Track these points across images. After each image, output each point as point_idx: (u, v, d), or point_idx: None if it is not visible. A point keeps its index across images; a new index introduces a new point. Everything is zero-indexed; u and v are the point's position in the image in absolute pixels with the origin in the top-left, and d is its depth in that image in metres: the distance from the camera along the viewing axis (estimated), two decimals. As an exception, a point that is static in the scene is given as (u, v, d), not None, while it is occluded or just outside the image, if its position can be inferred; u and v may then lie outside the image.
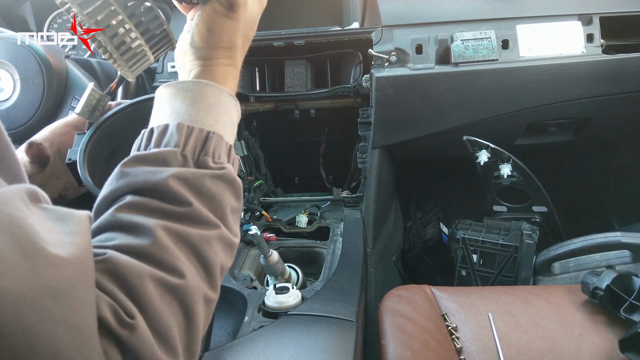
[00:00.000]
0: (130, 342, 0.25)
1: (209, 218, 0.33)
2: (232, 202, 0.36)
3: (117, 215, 0.30)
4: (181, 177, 0.32)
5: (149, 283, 0.27)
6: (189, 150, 0.34)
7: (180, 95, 0.37)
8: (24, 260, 0.20)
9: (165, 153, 0.33)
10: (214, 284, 0.33)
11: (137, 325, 0.26)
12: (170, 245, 0.30)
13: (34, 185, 0.26)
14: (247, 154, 1.19)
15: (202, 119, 0.36)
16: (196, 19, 0.41)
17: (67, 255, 0.23)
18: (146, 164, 0.33)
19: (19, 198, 0.23)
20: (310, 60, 1.08)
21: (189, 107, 0.37)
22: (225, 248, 0.34)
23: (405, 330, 0.66)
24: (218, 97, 0.38)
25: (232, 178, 0.36)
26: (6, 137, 0.27)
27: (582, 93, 0.95)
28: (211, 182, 0.34)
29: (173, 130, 0.35)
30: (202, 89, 0.38)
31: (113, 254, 0.27)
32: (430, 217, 1.50)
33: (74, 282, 0.22)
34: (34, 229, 0.22)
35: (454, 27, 0.93)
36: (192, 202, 0.32)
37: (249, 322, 0.65)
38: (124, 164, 0.33)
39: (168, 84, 0.38)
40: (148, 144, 0.35)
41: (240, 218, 0.38)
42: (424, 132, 1.00)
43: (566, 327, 0.68)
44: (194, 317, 0.30)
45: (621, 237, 0.88)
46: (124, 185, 0.32)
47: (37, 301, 0.20)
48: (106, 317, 0.24)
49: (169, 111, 0.37)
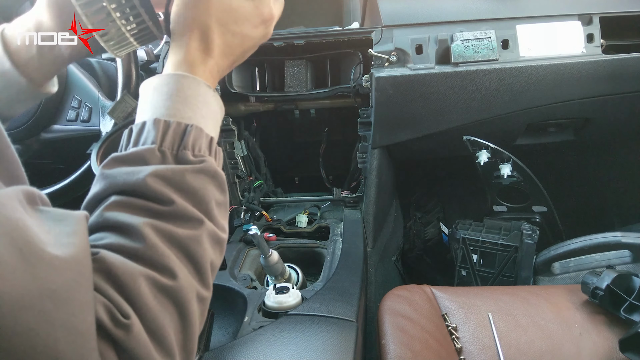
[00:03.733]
0: (126, 342, 0.25)
1: (194, 214, 0.32)
2: (216, 196, 0.35)
3: (104, 215, 0.30)
4: (160, 175, 0.32)
5: (142, 282, 0.27)
6: (167, 145, 0.33)
7: (157, 90, 0.36)
8: (23, 263, 0.20)
9: (143, 151, 0.33)
10: (205, 282, 0.32)
11: (133, 325, 0.25)
12: (160, 245, 0.29)
13: (32, 187, 0.25)
14: (247, 154, 1.19)
15: (179, 112, 0.35)
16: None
17: (66, 256, 0.22)
18: (125, 164, 0.32)
19: (16, 200, 0.23)
20: (310, 60, 1.08)
21: (165, 101, 0.36)
22: (214, 244, 0.34)
23: (405, 330, 0.66)
24: (195, 88, 0.37)
25: (214, 171, 0.35)
26: (6, 138, 0.27)
27: (582, 93, 0.95)
28: (192, 177, 0.33)
29: (150, 126, 0.34)
30: (178, 80, 0.36)
31: (105, 253, 0.27)
32: (430, 217, 1.50)
33: (72, 285, 0.22)
34: (32, 230, 0.22)
35: (454, 27, 0.93)
36: (174, 199, 0.31)
37: (249, 322, 0.65)
38: (104, 165, 0.33)
39: (147, 79, 0.38)
40: (127, 144, 0.34)
41: (227, 211, 0.37)
42: (424, 132, 1.00)
43: (566, 327, 0.68)
44: (188, 315, 0.30)
45: (621, 237, 0.88)
46: (106, 187, 0.32)
47: (36, 304, 0.20)
48: (101, 317, 0.24)
49: (147, 107, 0.36)
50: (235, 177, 1.13)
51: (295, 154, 1.44)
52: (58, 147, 0.86)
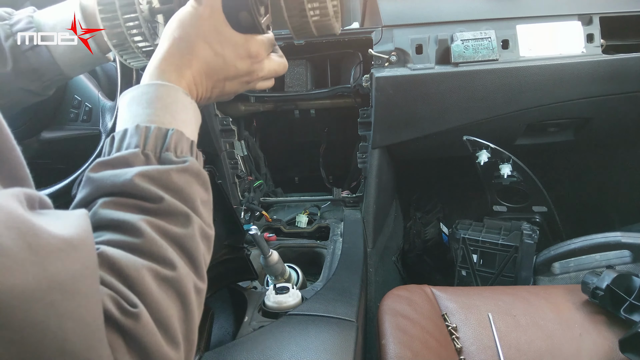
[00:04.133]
0: (135, 330, 0.25)
1: (184, 210, 0.33)
2: (201, 194, 0.36)
3: (97, 215, 0.30)
4: (146, 174, 0.32)
5: (146, 273, 0.28)
6: (150, 148, 0.34)
7: (136, 100, 0.37)
8: (31, 256, 0.21)
9: (127, 155, 0.33)
10: (200, 274, 0.33)
11: (141, 313, 0.26)
12: (157, 238, 0.30)
13: (34, 191, 0.26)
14: (247, 154, 1.19)
15: (159, 118, 0.36)
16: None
17: (72, 249, 0.23)
18: (110, 167, 0.33)
19: (17, 200, 0.23)
20: (310, 60, 1.08)
21: (145, 109, 0.37)
22: (203, 239, 0.35)
23: (405, 330, 0.66)
24: (173, 95, 0.38)
25: (198, 170, 0.36)
26: (12, 140, 0.27)
27: (582, 93, 0.95)
28: (177, 176, 0.34)
29: (132, 132, 0.35)
30: (157, 89, 0.38)
31: (106, 248, 0.27)
32: (430, 217, 1.50)
33: (79, 276, 0.23)
34: (38, 222, 0.22)
35: (454, 27, 0.93)
36: (163, 196, 0.32)
37: (249, 322, 0.65)
38: (90, 169, 0.33)
39: (126, 90, 0.39)
40: (110, 150, 0.35)
41: (211, 210, 0.38)
42: (424, 132, 1.00)
43: (566, 327, 0.68)
44: (189, 305, 0.30)
45: (621, 237, 0.88)
46: (94, 190, 0.32)
47: (45, 296, 0.21)
48: (109, 308, 0.25)
49: (127, 116, 0.37)
50: (235, 177, 1.13)
51: (295, 154, 1.44)
52: (58, 147, 0.86)
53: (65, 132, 0.85)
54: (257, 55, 0.44)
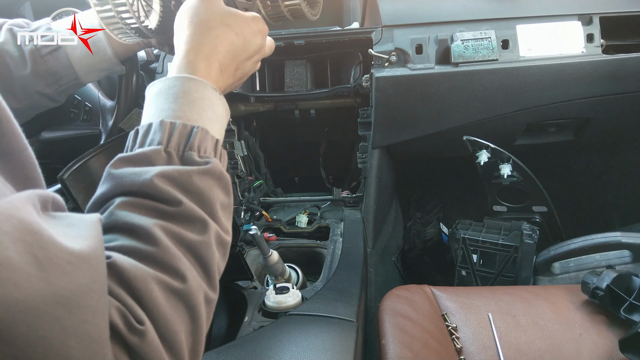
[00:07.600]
0: (140, 348, 0.25)
1: (202, 216, 0.32)
2: (221, 198, 0.35)
3: (113, 216, 0.30)
4: (166, 175, 0.31)
5: (155, 287, 0.27)
6: (173, 146, 0.33)
7: (163, 93, 0.37)
8: (37, 270, 0.20)
9: (149, 152, 0.33)
10: (213, 284, 0.32)
11: (147, 331, 0.25)
12: (171, 247, 0.29)
13: (47, 191, 0.25)
14: (247, 154, 1.19)
15: (185, 114, 0.36)
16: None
17: (79, 262, 0.22)
18: (131, 164, 0.32)
19: (30, 204, 0.22)
20: (310, 60, 1.08)
21: (171, 104, 0.36)
22: (219, 246, 0.34)
23: (406, 330, 0.66)
24: (201, 91, 0.37)
25: (220, 172, 0.35)
26: (24, 140, 0.27)
27: (582, 93, 0.95)
28: (198, 178, 0.33)
29: (156, 127, 0.34)
30: (184, 83, 0.37)
31: (117, 257, 0.27)
32: (430, 217, 1.50)
33: (85, 291, 0.22)
34: (46, 235, 0.21)
35: (454, 27, 0.93)
36: (182, 200, 0.31)
37: (249, 322, 0.65)
38: (110, 165, 0.33)
39: (153, 82, 0.38)
40: (133, 144, 0.34)
41: (231, 214, 0.37)
42: (424, 132, 1.00)
43: (566, 327, 0.68)
44: (199, 318, 0.30)
45: (621, 237, 0.88)
46: (112, 187, 0.31)
47: (50, 312, 0.20)
48: (116, 322, 0.24)
49: (153, 110, 0.36)
50: (235, 177, 1.13)
51: (295, 154, 1.44)
52: (58, 147, 0.86)
53: (65, 132, 0.85)
54: (265, 30, 0.47)
